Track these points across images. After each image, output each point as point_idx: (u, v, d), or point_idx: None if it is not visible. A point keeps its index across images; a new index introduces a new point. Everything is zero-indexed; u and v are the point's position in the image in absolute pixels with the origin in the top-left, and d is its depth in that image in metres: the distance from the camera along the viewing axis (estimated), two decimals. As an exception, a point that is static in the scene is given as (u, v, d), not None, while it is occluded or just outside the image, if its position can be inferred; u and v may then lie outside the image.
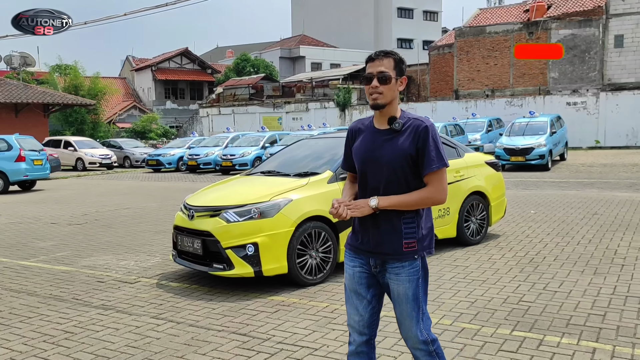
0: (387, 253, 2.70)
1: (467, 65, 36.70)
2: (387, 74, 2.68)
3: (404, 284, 2.70)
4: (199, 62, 54.41)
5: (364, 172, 2.75)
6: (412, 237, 2.68)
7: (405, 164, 2.66)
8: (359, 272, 2.80)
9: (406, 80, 2.79)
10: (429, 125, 2.67)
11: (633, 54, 31.47)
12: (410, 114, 2.78)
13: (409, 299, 2.70)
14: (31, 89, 31.23)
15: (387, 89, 2.68)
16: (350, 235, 2.88)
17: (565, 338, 4.12)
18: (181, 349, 4.20)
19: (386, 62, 2.70)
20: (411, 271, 2.70)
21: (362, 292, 2.80)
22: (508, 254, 6.82)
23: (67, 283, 6.17)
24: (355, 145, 2.82)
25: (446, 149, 7.37)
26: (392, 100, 2.72)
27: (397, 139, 2.69)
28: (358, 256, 2.81)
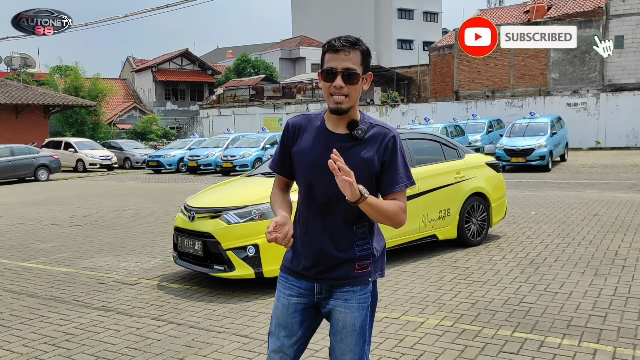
0: (337, 277, 2.28)
1: (468, 66, 36.72)
2: (354, 71, 2.17)
3: (352, 313, 2.28)
4: (200, 63, 54.40)
5: (311, 183, 2.26)
6: (365, 258, 2.29)
7: (367, 180, 2.20)
8: (295, 302, 2.34)
9: (372, 77, 2.28)
10: (397, 135, 2.26)
11: (633, 55, 31.48)
12: (370, 118, 2.31)
13: (355, 330, 2.29)
14: (31, 90, 31.26)
15: (354, 89, 2.19)
16: (288, 257, 2.39)
17: (566, 339, 4.12)
18: (182, 350, 4.19)
19: (353, 56, 2.18)
20: (362, 297, 2.30)
21: (294, 327, 2.34)
22: (509, 255, 6.82)
23: (67, 284, 6.17)
24: (300, 147, 2.30)
25: (447, 149, 7.39)
26: (356, 103, 2.24)
27: (359, 148, 2.22)
28: (298, 282, 2.34)
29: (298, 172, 2.32)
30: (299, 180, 2.34)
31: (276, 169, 2.43)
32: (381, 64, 50.83)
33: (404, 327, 4.51)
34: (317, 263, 2.29)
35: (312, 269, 2.30)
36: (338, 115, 2.23)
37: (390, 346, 4.11)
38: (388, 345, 4.14)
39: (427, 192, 6.79)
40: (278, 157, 2.41)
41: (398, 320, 4.65)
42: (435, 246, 7.22)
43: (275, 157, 2.43)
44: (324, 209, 2.25)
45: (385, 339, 4.25)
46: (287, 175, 2.42)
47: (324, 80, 2.20)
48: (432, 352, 3.99)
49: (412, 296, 5.30)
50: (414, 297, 5.26)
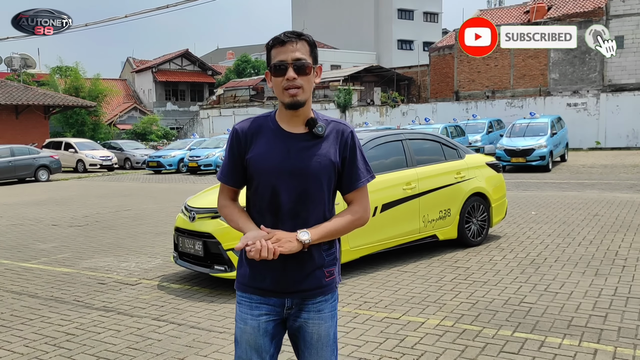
0: (309, 289, 2.17)
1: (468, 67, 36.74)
2: (305, 61, 2.09)
3: (326, 322, 2.22)
4: (200, 64, 54.40)
5: (276, 188, 2.13)
6: (332, 263, 2.22)
7: (332, 177, 2.16)
8: (265, 321, 2.17)
9: (321, 70, 2.21)
10: (353, 130, 2.22)
11: (633, 55, 31.50)
12: (323, 114, 2.23)
13: (329, 340, 2.23)
14: (32, 90, 31.27)
15: (307, 81, 2.10)
16: (247, 274, 2.19)
17: (567, 339, 4.12)
18: (182, 350, 4.20)
19: (301, 47, 2.10)
20: (333, 304, 2.25)
21: (267, 346, 2.19)
22: (509, 255, 6.82)
23: (68, 285, 6.18)
24: (257, 152, 2.15)
25: (447, 150, 7.39)
26: (310, 97, 2.16)
27: (320, 145, 2.14)
28: (266, 300, 2.17)
29: (258, 179, 2.16)
30: (259, 187, 2.16)
31: (228, 181, 2.26)
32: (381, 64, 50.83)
33: (404, 327, 4.51)
34: (286, 274, 2.14)
35: (281, 283, 2.15)
36: (294, 111, 2.12)
37: (391, 346, 4.11)
38: (389, 345, 4.14)
39: (428, 192, 6.79)
40: (228, 167, 2.24)
41: (399, 321, 4.65)
42: (436, 246, 7.22)
43: (225, 168, 2.25)
44: (292, 214, 2.13)
45: (386, 339, 4.26)
46: (239, 185, 2.27)
47: (275, 76, 2.11)
48: (433, 352, 4.00)
49: (413, 296, 5.31)
50: (414, 297, 5.27)
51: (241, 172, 2.22)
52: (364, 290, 5.54)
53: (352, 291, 5.51)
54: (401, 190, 6.54)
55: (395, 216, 6.46)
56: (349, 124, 2.23)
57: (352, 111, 36.08)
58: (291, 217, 2.13)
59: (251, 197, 2.24)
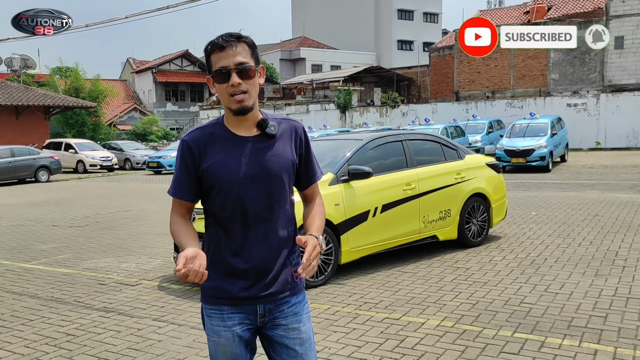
0: (279, 291, 2.11)
1: (468, 67, 36.75)
2: (247, 65, 2.01)
3: (305, 325, 2.15)
4: (200, 64, 54.35)
5: (239, 196, 2.05)
6: (297, 262, 2.17)
7: (292, 175, 2.14)
8: (239, 331, 2.10)
9: (264, 70, 2.13)
10: (303, 127, 2.21)
11: (633, 56, 31.50)
12: (270, 113, 2.19)
13: (312, 343, 2.15)
14: (32, 91, 31.28)
15: (252, 84, 2.03)
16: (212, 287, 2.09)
17: (567, 340, 4.12)
18: (183, 351, 4.20)
19: (241, 50, 2.02)
20: (307, 305, 2.19)
21: (242, 354, 2.13)
22: (509, 255, 6.82)
23: (68, 285, 6.18)
24: (214, 162, 2.06)
25: (447, 150, 7.40)
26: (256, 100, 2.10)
27: (274, 144, 2.10)
28: (237, 309, 2.09)
29: (218, 189, 2.07)
30: (221, 197, 2.07)
31: (183, 196, 2.14)
32: (381, 64, 50.85)
33: (404, 327, 4.51)
34: (258, 279, 2.08)
35: (252, 288, 2.08)
36: (242, 116, 2.06)
37: (391, 347, 4.12)
38: (389, 345, 4.14)
39: (428, 193, 6.79)
40: (181, 181, 2.13)
41: (399, 321, 4.66)
42: (436, 247, 7.22)
43: (178, 183, 2.14)
44: (260, 218, 2.08)
45: (386, 339, 4.26)
46: (193, 200, 2.15)
47: (218, 83, 2.03)
48: (433, 352, 4.00)
49: (413, 297, 5.31)
50: (414, 298, 5.27)
51: (196, 185, 2.11)
52: (364, 291, 5.54)
53: (352, 292, 5.52)
54: (401, 190, 6.54)
55: (396, 217, 6.46)
56: (298, 121, 2.21)
57: (352, 112, 36.09)
58: (260, 222, 2.08)
59: (210, 209, 2.13)
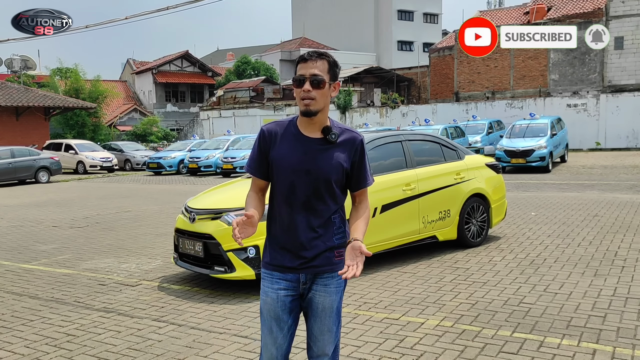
0: (320, 265, 2.53)
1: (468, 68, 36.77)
2: (320, 77, 2.43)
3: (331, 296, 2.56)
4: (200, 65, 54.47)
5: (293, 184, 2.50)
6: (343, 245, 2.55)
7: (340, 178, 2.52)
8: (283, 295, 2.55)
9: (339, 85, 2.55)
10: (363, 139, 2.57)
11: (633, 56, 31.53)
12: (339, 123, 2.59)
13: (333, 311, 2.58)
14: (32, 92, 31.29)
15: (320, 94, 2.44)
16: (270, 253, 2.60)
17: (566, 339, 4.13)
18: (183, 351, 4.21)
19: (320, 65, 2.45)
20: (339, 282, 2.57)
21: (285, 317, 2.57)
22: (509, 255, 6.83)
23: (68, 286, 6.19)
24: (279, 152, 2.52)
25: (447, 151, 7.41)
26: (325, 107, 2.49)
27: (333, 150, 2.50)
28: (284, 276, 2.55)
29: (278, 175, 2.53)
30: (279, 182, 2.54)
31: (254, 172, 2.61)
32: (381, 65, 50.88)
33: (404, 327, 4.52)
34: (301, 255, 2.51)
35: (296, 261, 2.52)
36: (308, 118, 2.48)
37: (391, 347, 4.13)
38: (388, 345, 4.15)
39: (427, 193, 6.80)
40: (255, 161, 2.60)
41: (398, 321, 4.67)
42: (436, 247, 7.23)
43: (252, 162, 2.61)
44: (305, 206, 2.50)
45: (386, 339, 4.27)
46: (264, 178, 2.60)
47: (296, 87, 2.47)
48: (432, 352, 4.01)
49: (412, 297, 5.32)
50: (414, 298, 5.28)
51: (266, 167, 2.57)
52: (363, 291, 5.55)
53: (352, 292, 5.53)
54: (401, 191, 6.55)
55: (395, 217, 6.47)
56: (359, 133, 2.58)
57: (352, 112, 36.10)
58: (304, 209, 2.51)
59: (272, 190, 2.61)
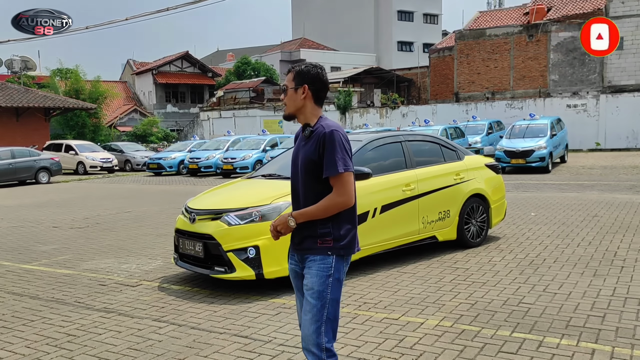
0: (304, 248, 2.89)
1: (468, 68, 36.77)
2: (284, 86, 2.91)
3: (312, 278, 2.82)
4: (200, 66, 54.46)
5: (292, 177, 3.01)
6: (327, 235, 2.82)
7: (309, 169, 2.83)
8: (291, 269, 3.04)
9: (307, 88, 2.85)
10: (329, 132, 2.77)
11: (633, 57, 31.54)
12: (327, 121, 2.86)
13: (314, 293, 2.80)
14: (32, 93, 31.27)
15: (287, 99, 2.91)
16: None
17: (565, 339, 4.14)
18: (183, 351, 4.22)
19: (289, 76, 2.91)
20: (321, 266, 2.82)
21: (299, 287, 2.99)
22: (508, 256, 6.84)
23: (69, 286, 6.20)
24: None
25: (446, 151, 7.42)
26: (299, 109, 2.88)
27: (308, 144, 2.86)
28: (293, 254, 3.02)
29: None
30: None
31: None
32: (381, 66, 50.89)
33: (403, 327, 4.53)
34: (294, 239, 2.95)
35: (293, 242, 2.96)
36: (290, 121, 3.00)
37: (390, 346, 4.14)
38: (388, 345, 4.16)
39: (427, 194, 6.81)
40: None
41: (398, 321, 4.68)
42: (435, 247, 7.24)
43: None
44: (298, 195, 2.94)
45: (385, 339, 4.28)
46: None
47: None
48: (432, 352, 4.02)
49: (412, 297, 5.33)
50: (413, 298, 5.29)
51: None
52: (363, 291, 5.56)
53: (351, 292, 5.54)
54: (400, 191, 6.56)
55: (395, 217, 6.49)
56: (335, 127, 2.81)
57: (352, 113, 36.11)
58: (298, 198, 2.93)
59: None
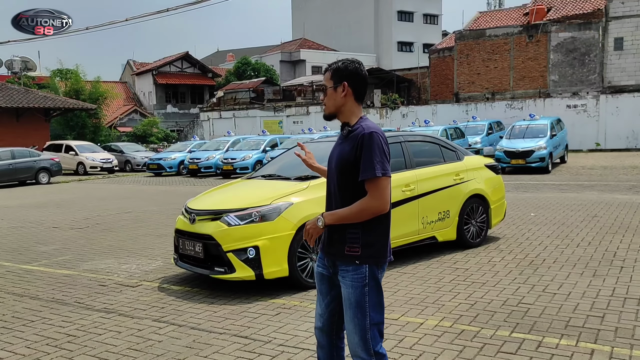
0: (334, 254, 2.80)
1: (468, 68, 36.76)
2: (323, 85, 2.85)
3: (347, 289, 2.72)
4: (200, 66, 54.47)
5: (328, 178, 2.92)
6: (355, 242, 2.69)
7: (344, 170, 2.73)
8: (320, 271, 2.94)
9: (347, 85, 2.76)
10: (368, 134, 2.65)
11: (633, 57, 31.54)
12: (366, 122, 2.76)
13: (352, 304, 2.70)
14: (32, 93, 31.28)
15: (327, 99, 2.83)
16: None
17: (564, 339, 4.15)
18: (183, 351, 4.23)
19: (326, 75, 2.84)
20: (355, 277, 2.70)
21: (324, 291, 2.93)
22: (508, 256, 6.85)
23: (69, 287, 6.21)
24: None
25: (446, 152, 7.42)
26: (339, 109, 2.81)
27: (344, 144, 2.78)
28: (321, 256, 2.94)
29: None
30: None
31: None
32: (381, 66, 50.88)
33: (403, 327, 4.54)
34: (323, 240, 2.88)
35: (323, 244, 2.89)
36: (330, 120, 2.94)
37: (390, 347, 4.14)
38: (387, 345, 4.16)
39: (427, 194, 6.81)
40: None
41: (397, 321, 4.68)
42: (435, 248, 7.25)
43: None
44: (330, 196, 2.88)
45: (385, 339, 4.27)
46: None
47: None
48: (431, 352, 4.03)
49: (412, 297, 5.34)
50: (413, 298, 5.30)
51: None
52: (363, 292, 5.56)
53: (351, 292, 5.54)
54: (400, 192, 6.56)
55: (395, 218, 6.38)
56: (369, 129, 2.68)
57: (352, 113, 36.06)
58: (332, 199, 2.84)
59: None
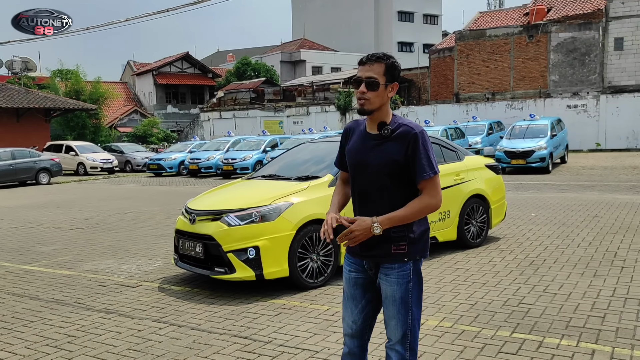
0: (377, 255, 2.70)
1: (468, 69, 36.76)
2: (375, 80, 2.63)
3: (392, 286, 2.69)
4: (200, 67, 54.49)
5: (354, 175, 2.77)
6: (400, 239, 2.65)
7: (393, 171, 2.64)
8: (354, 276, 2.82)
9: (397, 86, 2.72)
10: (419, 132, 2.63)
11: (633, 57, 31.52)
12: (401, 119, 2.71)
13: (396, 301, 2.69)
14: (32, 93, 31.28)
15: (374, 95, 2.64)
16: None
17: (565, 340, 4.14)
18: (183, 352, 4.22)
19: (376, 68, 2.64)
20: (400, 274, 2.68)
21: (358, 296, 2.82)
22: (508, 256, 6.84)
23: (69, 287, 6.21)
24: (348, 146, 2.81)
25: (446, 152, 7.42)
26: (381, 106, 2.67)
27: (386, 145, 2.65)
28: (354, 260, 2.81)
29: (348, 168, 2.82)
30: (350, 176, 2.83)
31: (338, 165, 2.96)
32: (381, 66, 50.78)
33: (403, 328, 4.52)
34: (364, 243, 2.68)
35: (358, 247, 2.73)
36: (369, 116, 2.70)
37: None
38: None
39: (427, 194, 6.80)
40: (338, 155, 2.92)
41: (398, 322, 4.67)
42: (435, 248, 7.24)
43: (337, 155, 2.94)
44: (362, 196, 2.74)
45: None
46: (346, 170, 2.87)
47: (355, 87, 2.69)
48: (432, 352, 4.02)
49: (412, 298, 5.32)
50: (413, 299, 5.28)
51: (344, 159, 2.85)
52: (363, 292, 5.56)
53: (351, 293, 5.53)
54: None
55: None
56: (416, 126, 2.66)
57: (352, 113, 36.08)
58: (361, 199, 2.74)
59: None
